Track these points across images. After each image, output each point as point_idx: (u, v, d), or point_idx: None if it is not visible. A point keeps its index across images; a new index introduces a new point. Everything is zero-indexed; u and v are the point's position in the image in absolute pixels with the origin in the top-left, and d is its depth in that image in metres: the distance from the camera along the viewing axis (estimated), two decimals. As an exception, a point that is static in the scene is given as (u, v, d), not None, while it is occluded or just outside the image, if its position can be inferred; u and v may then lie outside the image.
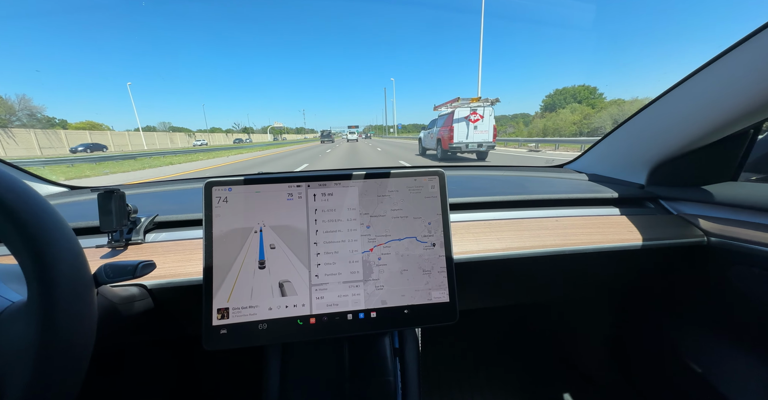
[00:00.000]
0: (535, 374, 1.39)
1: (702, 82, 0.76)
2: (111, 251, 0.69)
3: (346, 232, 0.58)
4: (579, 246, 0.76)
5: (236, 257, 0.54)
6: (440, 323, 0.59)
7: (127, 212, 0.68)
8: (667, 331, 0.97)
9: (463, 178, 1.19)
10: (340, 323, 0.56)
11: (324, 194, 0.58)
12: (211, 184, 0.55)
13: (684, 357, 0.90)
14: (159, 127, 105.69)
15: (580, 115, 30.64)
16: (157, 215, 0.77)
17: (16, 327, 0.35)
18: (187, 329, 0.78)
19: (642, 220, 0.86)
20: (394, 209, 0.60)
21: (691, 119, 0.80)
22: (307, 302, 0.56)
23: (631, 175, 1.04)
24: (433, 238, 0.60)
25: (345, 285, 0.57)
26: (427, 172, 0.61)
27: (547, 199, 0.92)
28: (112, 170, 11.90)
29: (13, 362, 0.33)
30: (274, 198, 0.57)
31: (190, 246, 0.71)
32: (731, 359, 0.81)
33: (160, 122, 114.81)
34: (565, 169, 1.35)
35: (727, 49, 0.70)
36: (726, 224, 0.78)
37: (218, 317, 0.53)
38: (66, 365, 0.34)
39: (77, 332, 0.34)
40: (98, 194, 0.64)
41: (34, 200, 0.33)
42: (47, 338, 0.32)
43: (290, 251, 0.56)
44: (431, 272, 0.59)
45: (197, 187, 1.14)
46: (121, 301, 0.55)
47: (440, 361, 1.44)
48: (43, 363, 0.32)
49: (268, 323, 0.54)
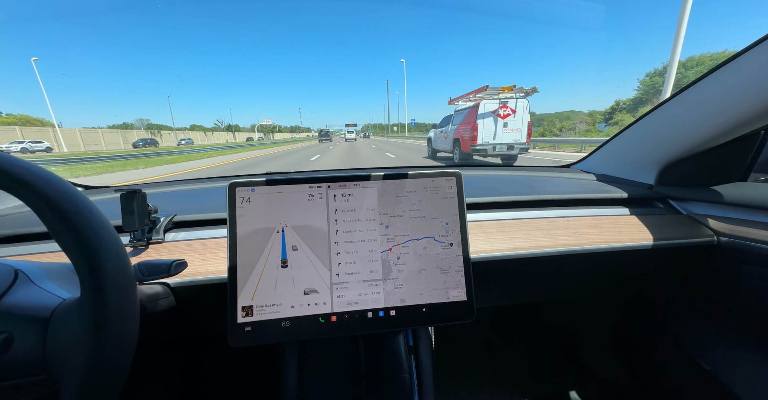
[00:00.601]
0: (546, 371, 1.40)
1: (713, 84, 0.77)
2: (133, 250, 0.70)
3: (365, 232, 0.59)
4: (590, 246, 0.77)
5: (259, 256, 0.55)
6: (458, 321, 0.60)
7: (148, 211, 0.69)
8: (676, 330, 0.98)
9: (473, 178, 1.20)
10: (360, 321, 0.58)
11: (344, 195, 0.60)
12: (235, 185, 0.56)
13: (692, 356, 0.91)
14: (137, 124, 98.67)
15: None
16: (176, 215, 0.78)
17: (69, 324, 0.36)
18: (206, 327, 0.79)
19: (652, 220, 0.87)
20: (412, 209, 0.61)
21: (703, 120, 0.81)
22: (328, 301, 0.57)
23: (640, 176, 1.05)
24: (451, 238, 0.61)
25: (365, 284, 0.58)
26: (444, 174, 0.62)
27: (557, 199, 0.93)
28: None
29: (67, 358, 0.35)
30: (296, 199, 0.58)
31: (209, 245, 0.72)
32: (740, 358, 0.83)
33: (138, 119, 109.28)
34: (573, 169, 1.36)
35: (740, 50, 0.71)
36: (736, 224, 0.79)
37: (243, 314, 0.54)
38: (116, 360, 0.35)
39: (125, 329, 0.36)
40: (121, 194, 0.66)
41: (82, 202, 0.34)
42: (100, 334, 0.33)
43: (311, 251, 0.57)
44: (449, 271, 0.61)
45: (212, 186, 1.15)
46: (147, 299, 0.57)
47: (452, 358, 1.45)
48: (95, 359, 0.33)
49: (290, 321, 0.55)
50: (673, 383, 0.99)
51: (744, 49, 0.70)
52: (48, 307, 0.38)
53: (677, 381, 0.97)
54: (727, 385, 0.82)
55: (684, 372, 0.95)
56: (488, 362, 1.45)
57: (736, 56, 0.71)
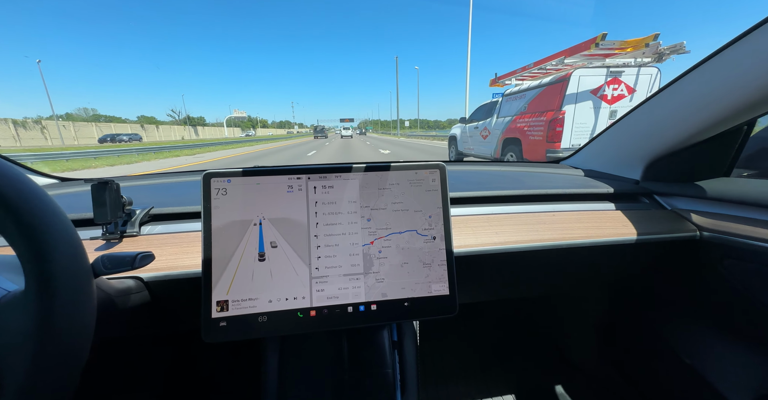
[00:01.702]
0: (531, 366, 1.41)
1: (697, 80, 0.78)
2: (105, 243, 0.67)
3: (346, 224, 0.58)
4: (575, 240, 0.77)
5: (235, 249, 0.54)
6: (440, 315, 0.59)
7: (121, 203, 0.67)
8: (660, 324, 1.00)
9: (461, 173, 1.19)
10: (340, 316, 0.56)
11: (324, 187, 0.58)
12: (210, 176, 0.54)
13: (676, 350, 0.93)
14: (78, 113, 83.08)
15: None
16: (153, 207, 0.76)
17: (13, 317, 0.34)
18: (185, 323, 0.77)
19: (636, 215, 0.88)
20: (395, 202, 0.60)
21: (687, 116, 0.81)
22: (307, 295, 0.56)
23: (627, 171, 1.06)
24: (434, 231, 0.60)
25: (345, 278, 0.57)
26: (428, 166, 0.61)
27: (544, 194, 0.92)
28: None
29: (11, 354, 0.33)
30: (274, 190, 0.56)
31: (186, 239, 0.70)
32: (722, 352, 0.84)
33: (80, 108, 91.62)
34: (561, 164, 1.36)
35: (721, 47, 0.71)
36: (718, 219, 0.79)
37: (218, 309, 0.52)
38: (64, 356, 0.33)
39: (76, 323, 0.34)
40: (92, 185, 0.63)
41: (30, 188, 0.32)
42: (45, 328, 0.31)
43: (290, 244, 0.56)
44: (431, 265, 0.60)
45: (191, 180, 1.12)
46: (117, 293, 0.54)
47: (438, 354, 1.45)
48: (41, 354, 0.31)
49: (268, 316, 0.54)
50: (658, 376, 1.00)
51: (726, 44, 0.70)
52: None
53: (661, 375, 0.99)
54: (709, 378, 0.83)
55: (667, 365, 0.96)
56: (475, 357, 1.45)
57: (719, 51, 0.71)
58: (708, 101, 0.75)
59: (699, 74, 0.76)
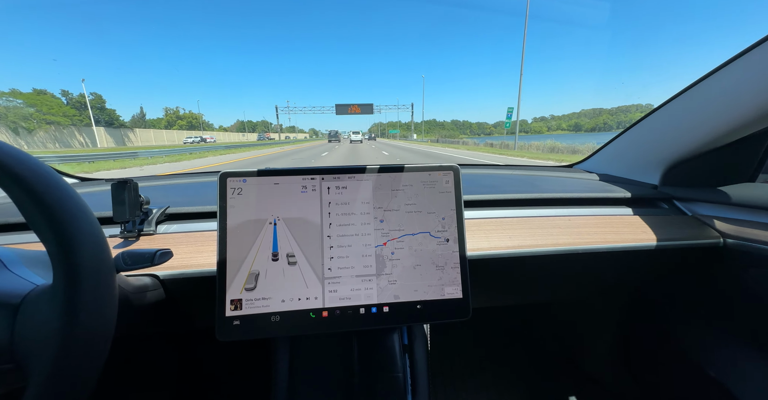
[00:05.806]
0: (542, 372, 1.38)
1: (720, 82, 0.75)
2: (123, 241, 0.69)
3: (359, 225, 0.58)
4: (592, 245, 0.75)
5: (250, 248, 0.54)
6: (453, 319, 0.58)
7: (139, 202, 0.68)
8: (679, 333, 0.96)
9: (474, 176, 1.18)
10: (352, 317, 0.56)
11: (338, 188, 0.58)
12: (226, 176, 0.55)
13: (695, 361, 0.89)
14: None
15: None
16: (169, 207, 0.77)
17: (40, 311, 0.35)
18: (198, 321, 0.78)
19: (656, 220, 0.85)
20: (408, 203, 0.59)
21: (709, 119, 0.79)
22: (319, 295, 0.55)
23: (644, 176, 1.03)
24: (447, 233, 0.60)
25: (358, 279, 0.57)
26: (441, 167, 0.61)
27: (559, 197, 0.91)
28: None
29: (37, 346, 0.34)
30: (288, 191, 0.57)
31: (201, 238, 0.71)
32: (745, 364, 0.80)
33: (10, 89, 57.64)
34: (575, 169, 1.34)
35: (746, 48, 0.69)
36: (743, 226, 0.76)
37: (231, 308, 0.53)
38: (88, 349, 0.34)
39: (100, 318, 0.34)
40: (112, 184, 0.64)
41: (59, 185, 0.33)
42: (71, 321, 0.32)
43: (303, 244, 0.56)
44: (444, 267, 0.59)
45: (204, 181, 1.14)
46: (134, 290, 0.55)
47: (447, 358, 1.43)
48: (66, 347, 0.32)
49: (280, 316, 0.54)
50: (675, 387, 0.96)
51: (751, 46, 0.68)
52: (18, 293, 0.37)
53: (679, 386, 0.95)
54: (731, 391, 0.79)
55: (686, 377, 0.92)
56: (486, 363, 1.42)
57: (742, 54, 0.69)
58: (732, 104, 0.73)
59: (723, 76, 0.74)
